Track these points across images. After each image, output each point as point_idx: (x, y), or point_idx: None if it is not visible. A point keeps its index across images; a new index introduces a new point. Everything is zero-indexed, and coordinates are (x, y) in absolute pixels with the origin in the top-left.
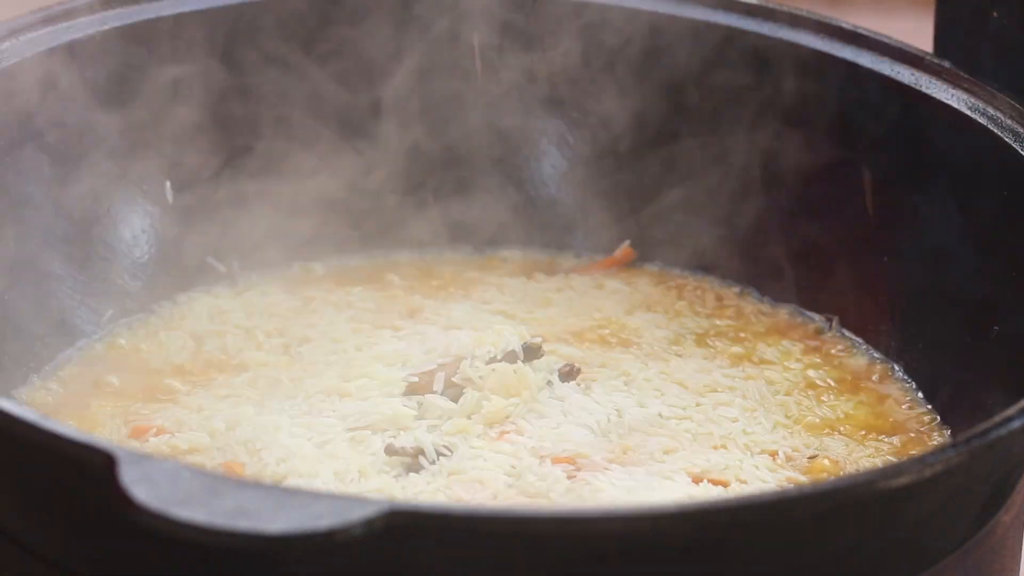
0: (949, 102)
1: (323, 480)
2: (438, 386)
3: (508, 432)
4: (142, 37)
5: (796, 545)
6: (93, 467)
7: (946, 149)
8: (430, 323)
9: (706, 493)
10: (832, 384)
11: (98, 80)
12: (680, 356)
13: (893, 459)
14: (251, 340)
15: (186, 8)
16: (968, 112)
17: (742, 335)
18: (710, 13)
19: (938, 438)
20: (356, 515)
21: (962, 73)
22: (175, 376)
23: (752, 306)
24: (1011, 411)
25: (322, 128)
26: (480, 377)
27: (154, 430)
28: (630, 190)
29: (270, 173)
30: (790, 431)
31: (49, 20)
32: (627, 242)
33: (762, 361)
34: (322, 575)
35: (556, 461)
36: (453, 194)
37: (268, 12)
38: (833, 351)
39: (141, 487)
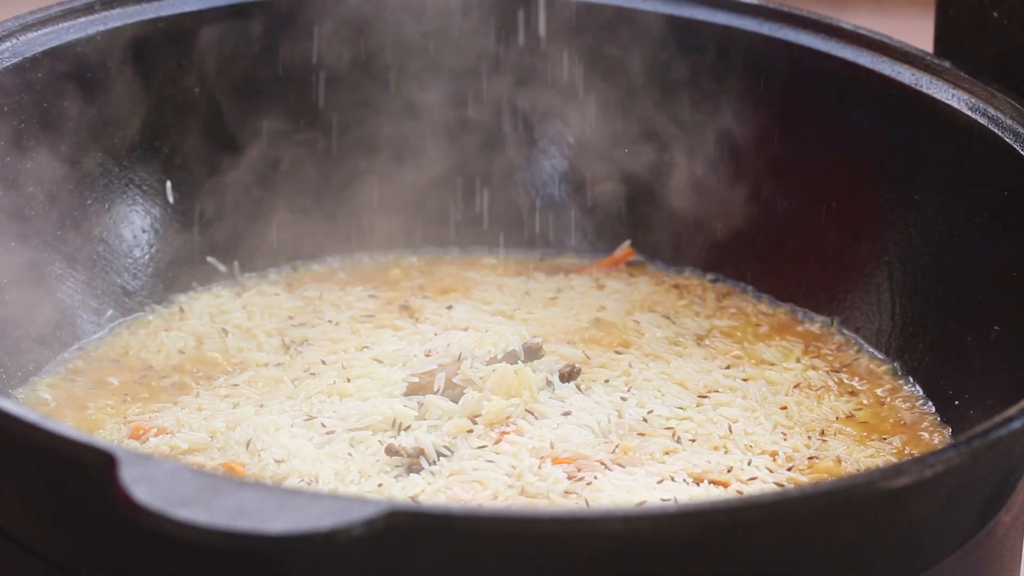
0: (949, 102)
1: (323, 480)
2: (438, 386)
3: (508, 432)
4: (142, 37)
5: (796, 545)
6: (93, 467)
7: (946, 149)
8: (430, 323)
9: (706, 493)
10: (832, 384)
11: (98, 80)
12: (680, 356)
13: (893, 459)
14: (251, 340)
15: (186, 8)
16: (968, 112)
17: (742, 335)
18: (710, 13)
19: (938, 438)
20: (356, 515)
21: (962, 73)
22: (175, 376)
23: (752, 306)
24: (1011, 411)
25: (321, 129)
26: (480, 377)
27: (154, 430)
28: (630, 190)
29: (270, 173)
30: (790, 431)
31: (49, 20)
32: (627, 242)
33: (762, 361)
34: (322, 575)
35: (556, 461)
36: (453, 194)
37: (269, 12)
38: (833, 351)
39: (141, 487)
